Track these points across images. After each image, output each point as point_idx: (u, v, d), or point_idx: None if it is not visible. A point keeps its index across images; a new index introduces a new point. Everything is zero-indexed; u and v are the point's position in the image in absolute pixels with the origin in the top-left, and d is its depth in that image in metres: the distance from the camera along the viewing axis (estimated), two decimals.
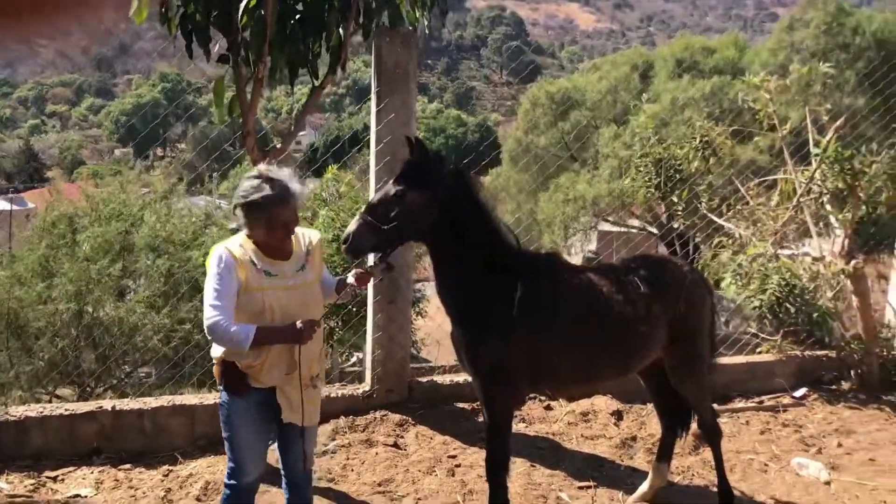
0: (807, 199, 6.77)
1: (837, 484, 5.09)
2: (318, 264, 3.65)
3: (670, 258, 4.78)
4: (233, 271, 3.35)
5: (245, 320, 3.36)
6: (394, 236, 3.69)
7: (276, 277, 3.45)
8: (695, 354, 4.32)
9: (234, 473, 3.62)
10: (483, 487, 4.61)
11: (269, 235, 3.42)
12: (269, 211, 3.36)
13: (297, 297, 3.49)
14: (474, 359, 3.87)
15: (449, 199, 3.70)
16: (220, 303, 3.30)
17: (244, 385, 3.49)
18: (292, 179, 3.43)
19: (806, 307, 6.40)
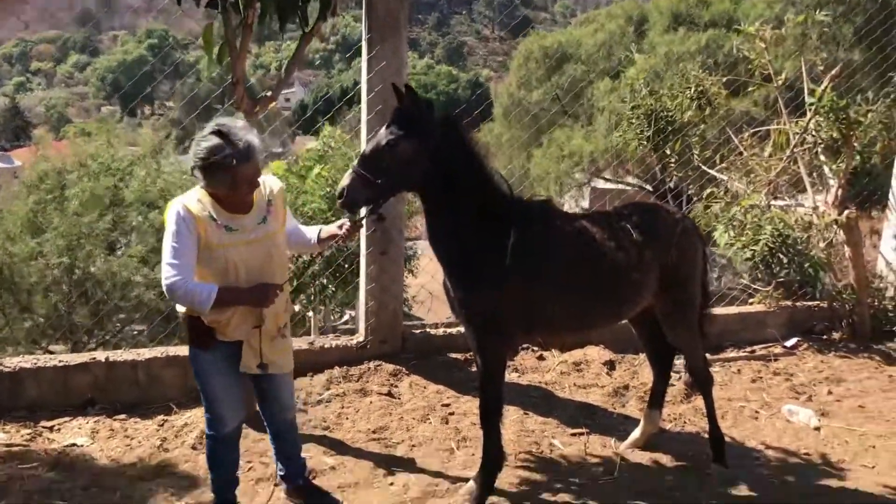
0: (801, 149, 6.75)
1: (827, 430, 5.16)
2: (280, 214, 3.55)
3: (662, 206, 4.77)
4: (191, 228, 3.25)
5: (210, 278, 3.32)
6: (387, 188, 3.65)
7: (237, 232, 3.35)
8: (686, 302, 4.33)
9: (213, 424, 3.64)
10: (477, 434, 4.64)
11: (234, 193, 3.30)
12: (232, 170, 3.21)
13: (260, 251, 3.41)
14: (467, 308, 3.86)
15: (440, 147, 3.65)
16: (178, 261, 3.22)
17: (211, 339, 3.46)
18: (250, 132, 3.31)
19: (798, 258, 6.41)
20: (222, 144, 3.18)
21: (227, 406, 3.59)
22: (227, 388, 3.57)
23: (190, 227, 3.25)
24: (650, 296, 4.20)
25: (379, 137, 3.67)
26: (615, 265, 4.00)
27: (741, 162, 7.33)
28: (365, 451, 4.68)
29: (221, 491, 3.82)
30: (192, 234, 3.25)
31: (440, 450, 4.74)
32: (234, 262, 3.34)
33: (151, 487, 4.22)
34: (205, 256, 3.31)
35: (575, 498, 4.15)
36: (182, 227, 3.25)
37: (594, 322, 4.31)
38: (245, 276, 3.37)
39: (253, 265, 3.39)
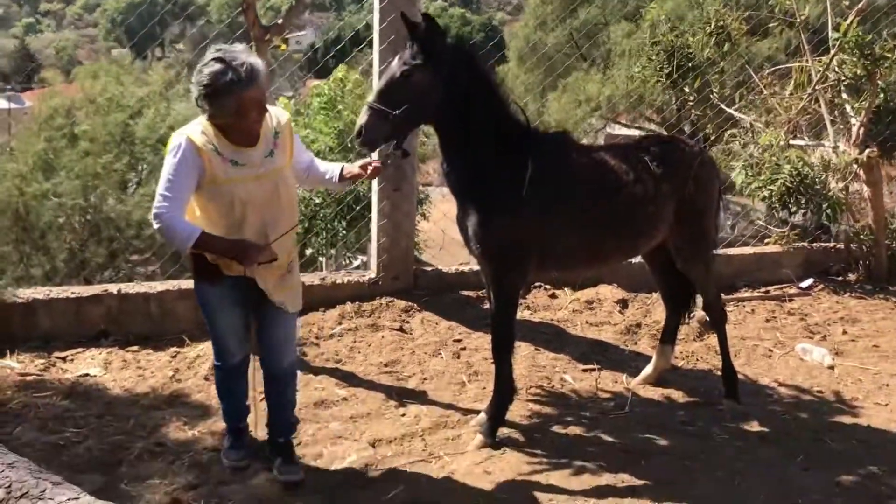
0: (822, 87, 6.59)
1: (841, 368, 5.14)
2: (287, 147, 3.38)
3: (681, 138, 4.67)
4: (192, 162, 3.10)
5: (214, 214, 3.22)
6: (404, 121, 3.55)
7: (243, 167, 3.19)
8: (701, 235, 4.28)
9: (220, 355, 3.61)
10: (488, 369, 4.66)
11: (242, 121, 3.13)
12: (237, 94, 3.04)
13: (267, 186, 3.25)
14: (482, 238, 3.81)
15: (454, 75, 3.57)
16: (170, 194, 3.07)
17: (216, 274, 3.32)
18: (251, 55, 3.15)
19: (816, 198, 6.30)
20: (224, 69, 3.03)
21: (233, 338, 3.54)
22: (233, 321, 3.49)
23: (191, 161, 3.09)
24: (666, 229, 4.14)
25: (392, 69, 3.56)
26: (632, 197, 3.94)
27: (761, 101, 7.17)
28: (377, 384, 4.69)
29: (232, 419, 3.80)
30: (193, 168, 3.09)
31: (451, 383, 4.74)
32: (241, 198, 3.19)
33: (164, 416, 4.25)
34: (209, 191, 3.17)
35: (586, 431, 4.16)
36: (182, 159, 3.09)
37: (609, 256, 4.25)
38: (251, 213, 3.23)
39: (260, 202, 3.24)
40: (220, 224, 3.22)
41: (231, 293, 3.39)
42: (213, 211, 3.22)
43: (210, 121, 3.16)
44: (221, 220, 3.22)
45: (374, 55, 5.33)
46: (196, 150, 3.10)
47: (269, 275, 3.36)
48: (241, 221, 3.23)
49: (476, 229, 3.80)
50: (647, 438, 4.07)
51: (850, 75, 6.32)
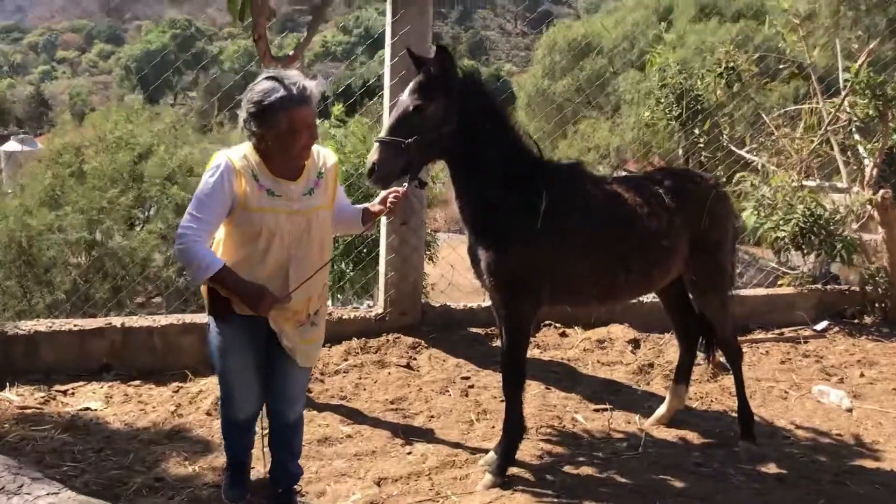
0: (834, 127, 6.56)
1: (859, 411, 5.00)
2: (330, 190, 3.23)
3: (695, 171, 4.63)
4: (228, 183, 2.98)
5: (238, 240, 3.09)
6: (418, 155, 3.47)
7: (279, 198, 3.06)
8: (716, 269, 4.20)
9: (226, 404, 3.39)
10: (498, 408, 4.55)
11: (293, 142, 3.00)
12: (290, 112, 2.95)
13: (300, 224, 3.11)
14: (494, 269, 3.73)
15: (466, 106, 3.53)
16: (200, 215, 2.97)
17: (228, 309, 3.13)
18: (305, 78, 3.06)
19: (830, 238, 6.22)
20: (277, 86, 2.96)
21: (241, 389, 3.30)
22: (242, 367, 3.26)
23: (227, 183, 2.98)
24: (680, 263, 4.07)
25: (404, 102, 3.49)
26: (645, 230, 3.88)
27: (771, 143, 7.15)
28: (382, 421, 4.58)
29: (233, 454, 3.57)
30: (227, 190, 2.98)
31: (459, 421, 4.62)
32: (269, 229, 3.04)
33: (164, 451, 4.14)
34: (238, 216, 3.04)
35: (598, 471, 4.03)
36: (218, 180, 2.98)
37: (623, 290, 4.13)
38: (277, 246, 3.08)
39: (288, 237, 3.09)
40: (242, 252, 3.09)
41: (242, 335, 3.19)
42: (238, 237, 3.09)
43: (257, 146, 3.06)
44: (244, 247, 3.09)
45: (385, 89, 5.32)
46: (234, 173, 3.01)
47: (285, 319, 3.18)
48: (265, 253, 3.08)
49: (488, 260, 3.74)
50: (662, 480, 3.94)
51: (862, 116, 6.30)
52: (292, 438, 3.48)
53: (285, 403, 3.37)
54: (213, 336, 3.26)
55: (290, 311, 3.16)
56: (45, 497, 1.92)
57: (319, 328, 3.35)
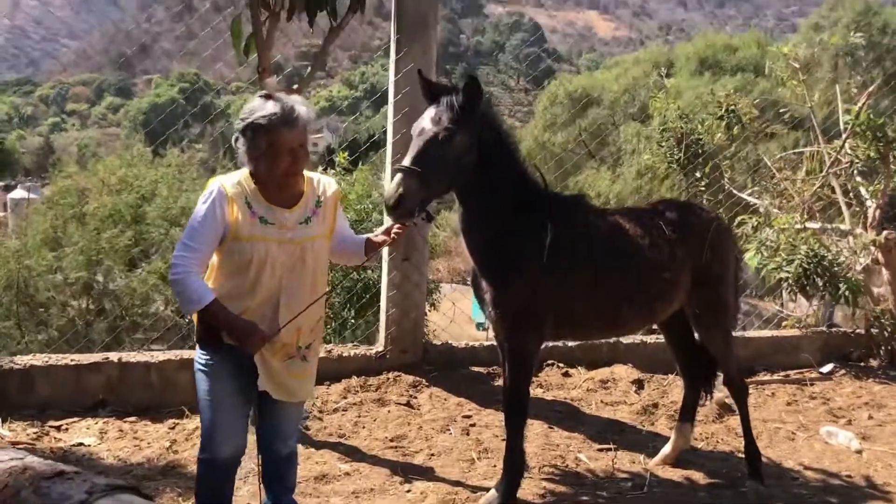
0: (835, 169, 6.57)
1: (869, 453, 4.89)
2: (329, 219, 3.12)
3: (697, 204, 4.62)
4: (220, 210, 2.89)
5: (228, 270, 2.97)
6: (440, 186, 3.39)
7: (272, 226, 2.95)
8: (719, 303, 4.16)
9: (206, 444, 3.08)
10: (499, 446, 4.46)
11: (274, 166, 2.91)
12: (272, 133, 2.86)
13: (293, 253, 3.00)
14: (500, 301, 3.69)
15: (483, 136, 3.46)
16: (193, 244, 2.89)
17: (217, 338, 2.99)
18: (301, 104, 2.96)
19: (834, 280, 6.17)
20: (264, 105, 2.89)
21: (224, 425, 3.04)
22: (229, 396, 3.03)
23: (218, 209, 2.89)
24: (683, 295, 4.03)
25: (429, 131, 3.34)
26: (647, 262, 3.85)
27: (773, 185, 7.15)
28: (381, 459, 4.49)
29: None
30: (219, 217, 2.89)
31: (460, 460, 4.53)
32: (261, 259, 2.93)
33: (158, 487, 4.05)
34: (229, 246, 2.93)
35: None
36: (210, 207, 2.89)
37: (626, 321, 4.08)
38: (267, 276, 2.95)
39: (279, 267, 2.97)
40: (232, 281, 2.98)
41: (230, 363, 3.02)
42: (228, 266, 2.98)
43: (251, 170, 2.98)
44: (234, 277, 2.98)
45: (389, 126, 5.35)
46: (226, 199, 2.91)
47: (272, 353, 3.03)
48: (255, 283, 2.96)
49: (494, 292, 3.69)
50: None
51: (864, 158, 6.31)
52: (286, 472, 3.32)
53: (278, 439, 3.22)
54: (198, 364, 3.09)
55: (278, 344, 3.03)
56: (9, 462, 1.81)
57: (311, 364, 3.19)
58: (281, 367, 3.06)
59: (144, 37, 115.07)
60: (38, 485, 1.55)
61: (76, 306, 8.69)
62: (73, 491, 1.52)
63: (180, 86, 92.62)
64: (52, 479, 1.57)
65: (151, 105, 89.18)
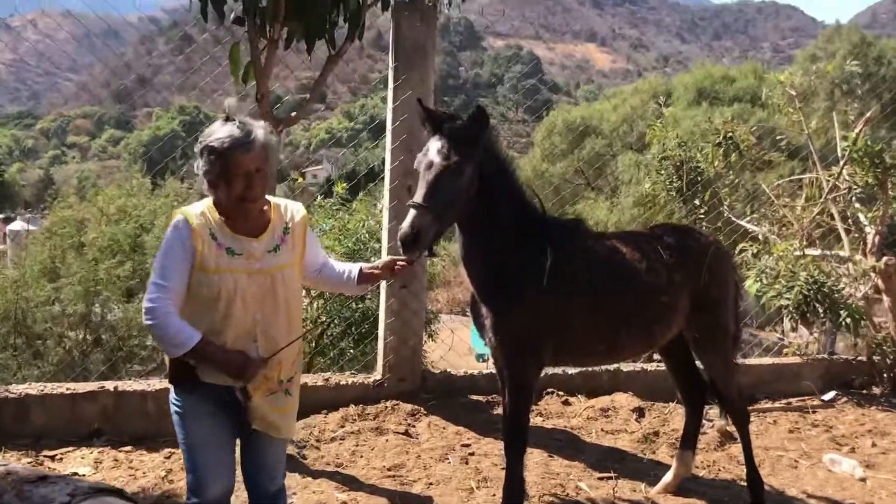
0: (835, 194, 6.57)
1: (873, 481, 4.82)
2: (298, 246, 3.00)
3: (694, 228, 4.61)
4: (186, 244, 2.76)
5: (197, 307, 2.81)
6: (452, 219, 3.35)
7: (239, 257, 2.83)
8: (718, 327, 4.13)
9: (194, 488, 2.92)
10: (498, 475, 4.40)
11: (230, 189, 2.78)
12: (226, 157, 2.74)
13: (263, 284, 2.87)
14: (499, 326, 3.65)
15: (485, 166, 3.43)
16: (164, 282, 2.73)
17: (192, 378, 2.86)
18: (261, 127, 2.85)
19: (835, 306, 6.15)
20: (221, 127, 2.79)
21: (209, 466, 2.90)
22: (212, 442, 2.91)
23: (185, 243, 2.76)
24: (682, 320, 4.00)
25: (439, 164, 3.25)
26: (645, 286, 3.83)
27: (772, 212, 7.16)
28: (379, 488, 4.42)
29: None
30: (187, 251, 2.76)
31: (459, 489, 4.46)
32: (228, 291, 2.80)
33: None
34: (196, 281, 2.79)
35: None
36: (177, 241, 2.77)
37: (626, 346, 4.03)
38: (238, 310, 2.83)
39: (250, 299, 2.85)
40: (204, 319, 2.81)
41: (207, 402, 2.89)
42: (196, 302, 2.81)
43: (212, 197, 2.86)
44: (204, 313, 2.82)
45: (387, 153, 5.36)
46: (190, 232, 2.78)
47: (254, 388, 2.91)
48: (226, 319, 2.83)
49: (494, 318, 3.66)
50: None
51: (862, 184, 6.32)
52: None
53: (264, 477, 3.09)
54: (174, 406, 2.94)
55: (260, 379, 2.90)
56: None
57: (293, 398, 3.06)
58: (264, 402, 2.94)
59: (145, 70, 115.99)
60: (21, 488, 1.54)
61: (73, 337, 8.63)
62: (56, 494, 1.51)
63: (181, 118, 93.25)
64: (35, 483, 1.56)
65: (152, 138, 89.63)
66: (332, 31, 4.60)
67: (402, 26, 5.17)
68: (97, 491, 1.56)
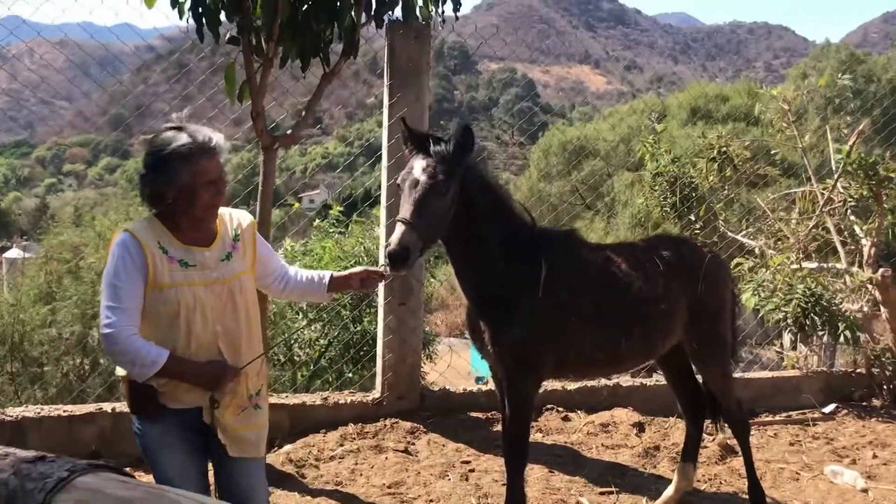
0: (829, 207, 6.60)
1: (875, 492, 4.80)
2: (249, 252, 2.91)
3: (690, 239, 4.63)
4: (136, 261, 2.62)
5: (157, 326, 2.67)
6: (435, 236, 3.37)
7: (193, 269, 2.71)
8: (716, 337, 4.14)
9: None
10: (499, 491, 4.39)
11: (195, 199, 2.67)
12: (192, 163, 2.63)
13: (222, 295, 2.76)
14: (499, 340, 3.65)
15: (467, 184, 3.44)
16: (119, 304, 2.57)
17: (156, 406, 2.72)
18: (214, 132, 2.76)
19: (833, 318, 6.15)
20: (178, 135, 2.66)
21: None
22: (182, 466, 2.78)
23: (136, 261, 2.61)
24: (680, 329, 4.00)
25: (424, 182, 3.28)
26: (642, 295, 3.83)
27: (767, 226, 7.19)
28: None
29: None
30: (138, 269, 2.62)
31: None
32: (188, 305, 2.68)
33: None
34: (152, 298, 2.65)
35: None
36: (126, 260, 2.61)
37: (625, 356, 4.02)
38: (199, 324, 2.70)
39: (210, 312, 2.73)
40: (168, 337, 2.67)
41: (175, 430, 2.75)
42: (153, 321, 2.67)
43: (159, 212, 2.73)
44: (163, 332, 2.67)
45: (383, 170, 5.39)
46: (139, 247, 2.64)
47: (224, 407, 2.78)
48: (188, 335, 2.70)
49: (493, 332, 3.65)
50: None
51: (857, 196, 6.34)
52: None
53: (243, 501, 2.87)
54: (141, 439, 2.80)
55: (227, 398, 2.78)
56: None
57: (264, 412, 2.93)
58: (235, 420, 2.80)
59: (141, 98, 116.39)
60: (19, 467, 1.54)
61: (69, 362, 8.61)
62: (55, 470, 1.51)
63: None
64: (34, 462, 1.56)
65: None
66: (326, 49, 4.63)
67: (397, 45, 5.21)
68: (96, 467, 1.57)
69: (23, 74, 42.37)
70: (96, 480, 1.53)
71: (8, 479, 1.52)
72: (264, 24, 4.23)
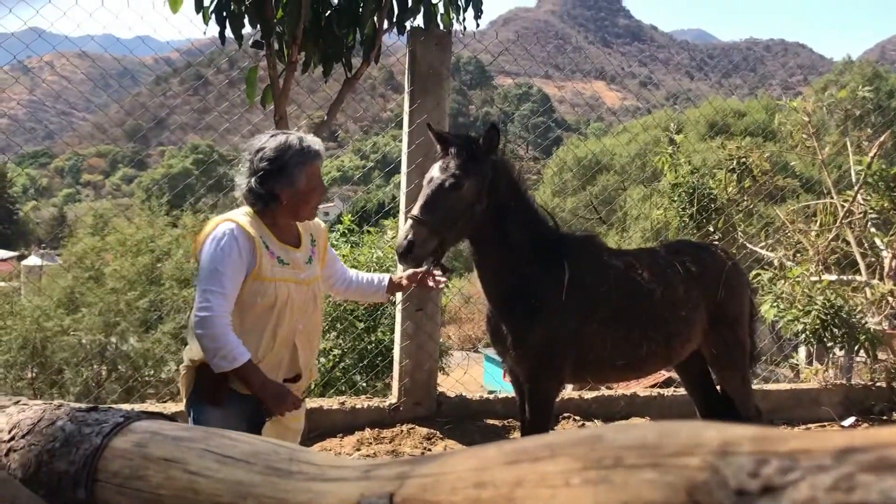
0: (849, 219, 6.56)
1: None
2: (322, 257, 3.06)
3: (711, 244, 4.62)
4: (243, 249, 2.70)
5: (250, 315, 2.77)
6: (452, 234, 3.36)
7: (288, 267, 2.83)
8: (735, 343, 4.13)
9: None
10: None
11: (307, 201, 2.81)
12: (307, 166, 2.76)
13: (306, 295, 2.89)
14: (519, 342, 3.66)
15: (495, 183, 3.46)
16: (220, 289, 2.64)
17: (223, 389, 2.77)
18: (315, 137, 2.91)
19: (852, 331, 6.10)
20: (290, 140, 2.78)
21: None
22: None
23: (242, 249, 2.69)
24: (700, 335, 3.99)
25: (438, 179, 3.34)
26: (664, 299, 3.83)
27: (786, 238, 7.15)
28: None
29: None
30: (244, 257, 2.70)
31: None
32: (283, 300, 2.78)
33: None
34: (251, 289, 2.74)
35: None
36: (234, 250, 2.67)
37: (645, 361, 4.00)
38: (287, 319, 2.81)
39: (297, 309, 2.85)
40: (256, 327, 2.78)
41: (234, 420, 2.74)
42: (251, 311, 2.77)
43: (262, 210, 2.82)
44: (255, 322, 2.78)
45: (403, 175, 5.41)
46: (248, 237, 2.72)
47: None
48: (276, 328, 2.81)
49: (515, 334, 3.66)
50: None
51: (877, 208, 6.30)
52: None
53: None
54: (199, 423, 2.78)
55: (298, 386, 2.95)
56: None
57: (304, 407, 3.08)
58: (289, 416, 2.89)
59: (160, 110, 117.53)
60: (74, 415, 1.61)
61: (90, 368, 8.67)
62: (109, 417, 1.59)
63: (193, 157, 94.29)
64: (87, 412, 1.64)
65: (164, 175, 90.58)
66: (348, 54, 4.68)
67: (418, 51, 5.24)
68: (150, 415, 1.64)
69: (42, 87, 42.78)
70: (153, 424, 1.61)
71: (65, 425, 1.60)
72: (287, 28, 4.28)
